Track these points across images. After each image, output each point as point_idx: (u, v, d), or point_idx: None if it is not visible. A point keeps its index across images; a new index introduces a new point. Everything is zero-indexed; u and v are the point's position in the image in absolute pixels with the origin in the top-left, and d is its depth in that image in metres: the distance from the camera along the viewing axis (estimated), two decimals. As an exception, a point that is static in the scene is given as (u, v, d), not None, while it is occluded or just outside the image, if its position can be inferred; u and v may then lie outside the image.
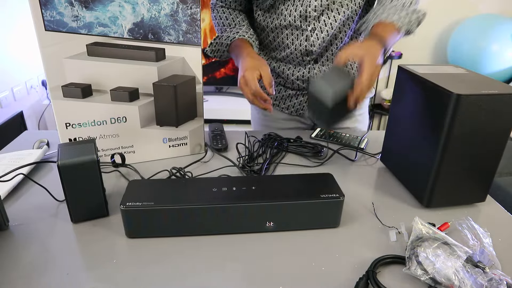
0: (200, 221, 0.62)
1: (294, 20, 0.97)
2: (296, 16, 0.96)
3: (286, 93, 1.13)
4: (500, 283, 0.52)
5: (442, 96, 0.65)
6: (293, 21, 0.97)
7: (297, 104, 1.13)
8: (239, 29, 1.01)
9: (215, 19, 1.07)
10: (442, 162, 0.68)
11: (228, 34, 1.00)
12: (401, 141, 0.81)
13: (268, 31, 1.04)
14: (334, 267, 0.58)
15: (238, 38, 0.98)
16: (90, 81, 0.77)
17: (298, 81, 1.08)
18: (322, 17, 0.97)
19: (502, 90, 0.64)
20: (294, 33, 1.00)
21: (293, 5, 0.96)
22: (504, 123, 0.66)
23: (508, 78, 2.60)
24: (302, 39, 1.00)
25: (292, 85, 1.10)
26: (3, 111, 2.06)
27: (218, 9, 1.06)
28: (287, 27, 0.99)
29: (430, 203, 0.72)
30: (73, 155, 0.63)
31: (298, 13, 0.96)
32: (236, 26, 1.03)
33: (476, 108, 0.63)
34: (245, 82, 0.85)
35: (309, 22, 0.97)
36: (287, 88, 1.12)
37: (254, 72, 0.84)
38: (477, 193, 0.74)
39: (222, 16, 1.05)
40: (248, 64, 0.87)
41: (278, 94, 1.14)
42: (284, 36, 1.01)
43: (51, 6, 0.68)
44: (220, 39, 1.01)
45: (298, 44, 1.01)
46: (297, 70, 1.07)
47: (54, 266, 0.57)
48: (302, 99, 1.12)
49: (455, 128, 0.64)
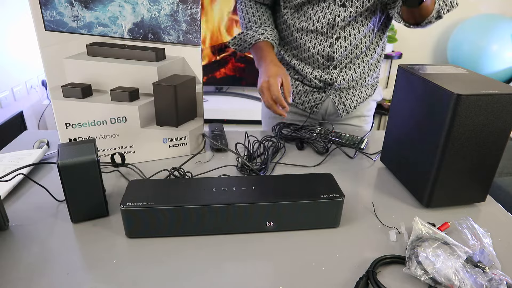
0: (200, 221, 0.62)
1: (322, 26, 1.00)
2: (324, 23, 0.99)
3: (303, 89, 1.14)
4: (500, 283, 0.52)
5: (442, 96, 0.65)
6: (320, 27, 1.00)
7: (312, 101, 1.15)
8: (265, 30, 1.04)
9: (241, 12, 1.08)
10: (442, 162, 0.68)
11: (253, 33, 1.03)
12: (401, 141, 0.81)
13: (293, 30, 1.05)
14: (334, 267, 0.58)
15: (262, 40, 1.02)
16: (90, 81, 0.77)
17: (316, 80, 1.10)
18: (348, 27, 1.00)
19: (502, 90, 0.64)
20: (318, 38, 1.03)
21: (321, 11, 0.98)
22: (504, 123, 0.66)
23: (508, 78, 2.60)
24: (326, 45, 1.03)
25: (310, 83, 1.12)
26: (3, 111, 2.06)
27: (246, 2, 1.07)
28: (313, 31, 1.02)
29: (430, 203, 0.72)
30: (73, 155, 0.63)
31: (326, 21, 0.99)
32: (262, 25, 1.05)
33: (476, 108, 0.63)
34: (268, 87, 0.90)
35: (335, 31, 1.00)
36: (304, 84, 1.14)
37: (277, 79, 0.90)
38: (477, 193, 0.74)
39: (249, 11, 1.06)
40: (272, 71, 0.92)
41: (294, 89, 1.15)
42: (308, 39, 1.04)
43: (51, 6, 0.68)
44: (245, 36, 1.04)
45: (321, 49, 1.04)
46: (316, 71, 1.09)
47: (54, 266, 0.57)
48: (318, 96, 1.14)
49: (455, 128, 0.64)
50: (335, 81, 1.09)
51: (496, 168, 0.71)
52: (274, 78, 0.90)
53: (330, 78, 1.08)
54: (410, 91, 0.76)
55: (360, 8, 0.97)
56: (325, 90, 1.13)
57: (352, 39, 1.02)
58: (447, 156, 0.67)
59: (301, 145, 0.98)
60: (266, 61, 0.97)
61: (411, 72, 0.75)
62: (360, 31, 1.02)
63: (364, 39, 1.04)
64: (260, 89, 0.92)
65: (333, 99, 1.14)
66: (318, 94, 1.14)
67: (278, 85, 0.89)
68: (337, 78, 1.08)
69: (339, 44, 1.02)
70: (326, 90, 1.13)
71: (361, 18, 1.00)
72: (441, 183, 0.70)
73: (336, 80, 1.08)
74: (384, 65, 2.99)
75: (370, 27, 1.03)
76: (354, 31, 1.01)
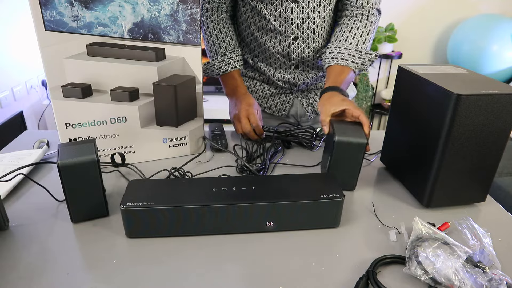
0: (200, 221, 0.62)
1: (279, 25, 1.00)
2: (280, 21, 0.99)
3: (269, 92, 1.14)
4: (500, 283, 0.52)
5: (442, 96, 0.65)
6: (278, 26, 1.00)
7: (279, 104, 1.15)
8: (230, 58, 1.05)
9: (205, 33, 1.06)
10: (442, 162, 0.68)
11: (220, 64, 1.05)
12: (401, 141, 0.81)
13: (254, 29, 1.04)
14: (334, 267, 0.58)
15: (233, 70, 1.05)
16: (90, 81, 0.77)
17: (279, 81, 1.10)
18: (302, 25, 1.00)
19: (502, 90, 0.64)
20: (277, 38, 1.03)
21: (275, 9, 0.98)
22: (504, 123, 0.66)
23: (508, 78, 2.60)
24: (285, 45, 1.03)
25: (275, 84, 1.12)
26: (3, 111, 2.06)
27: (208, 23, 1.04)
28: (272, 30, 1.02)
29: (430, 203, 0.72)
30: (73, 155, 0.62)
31: (282, 19, 0.99)
32: (227, 50, 1.04)
33: (476, 108, 0.63)
34: (239, 121, 0.97)
35: (291, 30, 1.00)
36: (270, 87, 1.14)
37: (245, 118, 0.96)
38: (477, 193, 0.74)
39: (212, 33, 1.04)
40: (243, 108, 0.98)
41: (261, 93, 1.15)
42: (268, 38, 1.04)
43: (51, 6, 0.68)
44: (212, 67, 1.05)
45: (281, 49, 1.04)
46: (278, 72, 1.09)
47: (54, 266, 0.57)
48: (285, 99, 1.14)
49: (455, 128, 0.64)
50: (298, 81, 1.09)
51: (496, 168, 0.70)
52: (243, 118, 0.96)
53: (293, 78, 1.08)
54: (410, 91, 0.76)
55: (312, 3, 0.97)
56: (292, 91, 1.13)
57: (310, 38, 1.02)
58: (447, 156, 0.67)
59: (288, 144, 0.99)
60: (237, 93, 1.03)
61: (411, 72, 0.75)
62: (317, 29, 1.01)
63: (322, 37, 1.04)
64: (232, 120, 1.01)
65: (301, 101, 1.14)
66: (286, 97, 1.14)
67: (247, 123, 0.95)
68: (299, 77, 1.08)
69: (297, 44, 1.02)
70: (292, 91, 1.13)
71: (314, 15, 0.99)
72: (441, 183, 0.70)
73: (299, 79, 1.08)
74: (384, 65, 2.99)
75: (326, 24, 1.02)
76: (308, 30, 1.01)
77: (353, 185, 0.79)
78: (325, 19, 1.01)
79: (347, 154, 0.75)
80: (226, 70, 1.04)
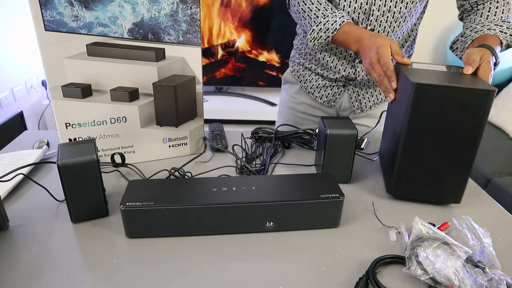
0: (200, 221, 0.62)
1: (356, 16, 0.98)
2: (359, 12, 0.97)
3: (323, 83, 1.14)
4: (500, 283, 0.52)
5: (406, 86, 0.67)
6: (353, 14, 0.98)
7: (330, 94, 1.15)
8: (340, 13, 0.95)
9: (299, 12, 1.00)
10: (406, 151, 0.69)
11: (333, 19, 0.94)
12: (388, 135, 0.82)
13: None
14: (334, 267, 0.58)
15: (346, 23, 0.93)
16: (90, 81, 0.77)
17: (339, 74, 1.09)
18: (382, 17, 0.96)
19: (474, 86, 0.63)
20: None
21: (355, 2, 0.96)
22: (475, 121, 0.64)
23: (508, 78, 2.60)
24: None
25: (332, 76, 1.11)
26: (3, 111, 2.06)
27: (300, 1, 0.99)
28: None
29: (394, 192, 0.75)
30: (73, 155, 0.63)
31: (361, 8, 0.97)
32: (334, 10, 0.97)
33: (439, 99, 0.64)
34: (378, 60, 0.81)
35: (370, 21, 0.98)
36: (324, 78, 1.14)
37: (388, 49, 0.80)
38: (451, 194, 0.73)
39: (311, 6, 0.97)
40: (380, 41, 0.82)
41: (314, 83, 1.15)
42: None
43: (51, 6, 0.68)
44: (326, 24, 0.94)
45: None
46: (340, 64, 1.07)
47: (54, 266, 0.57)
48: (337, 91, 1.14)
49: (413, 117, 0.66)
50: (357, 76, 1.07)
51: (469, 170, 0.69)
52: (384, 48, 0.80)
53: (354, 72, 1.07)
54: (399, 89, 0.76)
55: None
56: (345, 84, 1.12)
57: (389, 34, 1.00)
58: (409, 144, 0.68)
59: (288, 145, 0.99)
60: (365, 35, 0.88)
61: (398, 69, 0.77)
62: (399, 26, 0.99)
63: (402, 36, 1.02)
64: (369, 65, 0.83)
65: (350, 95, 1.13)
66: (338, 89, 1.14)
67: (389, 55, 0.80)
68: (360, 73, 1.07)
69: None
70: (345, 84, 1.12)
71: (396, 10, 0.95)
72: (406, 173, 0.71)
73: (359, 74, 1.07)
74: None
75: (408, 23, 1.00)
76: (389, 28, 0.98)
77: (348, 177, 0.80)
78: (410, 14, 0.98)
79: (340, 146, 0.77)
80: (342, 21, 0.92)
